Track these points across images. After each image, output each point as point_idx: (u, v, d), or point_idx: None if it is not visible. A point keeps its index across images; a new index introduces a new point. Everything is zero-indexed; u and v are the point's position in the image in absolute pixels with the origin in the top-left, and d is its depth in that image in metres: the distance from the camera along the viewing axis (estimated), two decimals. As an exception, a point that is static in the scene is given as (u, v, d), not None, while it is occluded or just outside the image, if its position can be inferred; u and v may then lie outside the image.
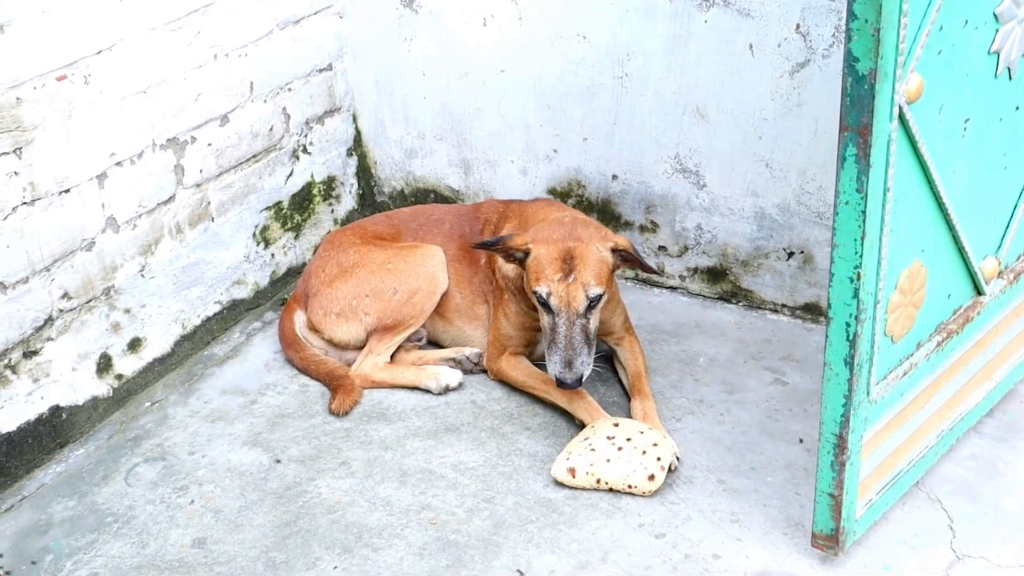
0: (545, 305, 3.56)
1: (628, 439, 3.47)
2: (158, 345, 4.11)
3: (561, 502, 3.41)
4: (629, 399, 3.80)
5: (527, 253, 3.59)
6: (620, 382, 3.96)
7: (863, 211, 2.60)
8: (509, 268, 3.84)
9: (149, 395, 4.04)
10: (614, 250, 3.61)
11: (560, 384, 3.51)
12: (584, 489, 3.44)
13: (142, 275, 4.01)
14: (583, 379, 3.52)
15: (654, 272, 3.70)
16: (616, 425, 3.54)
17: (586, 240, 3.57)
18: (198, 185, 4.17)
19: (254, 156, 4.40)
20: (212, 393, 4.04)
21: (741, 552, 3.19)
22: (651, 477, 3.38)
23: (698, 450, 3.61)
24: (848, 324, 2.73)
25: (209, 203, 4.23)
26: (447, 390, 3.97)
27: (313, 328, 4.10)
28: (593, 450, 3.45)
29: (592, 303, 3.54)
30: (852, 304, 2.71)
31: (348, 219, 4.99)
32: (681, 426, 3.74)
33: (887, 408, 3.04)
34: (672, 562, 3.17)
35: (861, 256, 2.65)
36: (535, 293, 3.56)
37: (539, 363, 3.98)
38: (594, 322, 3.59)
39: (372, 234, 4.21)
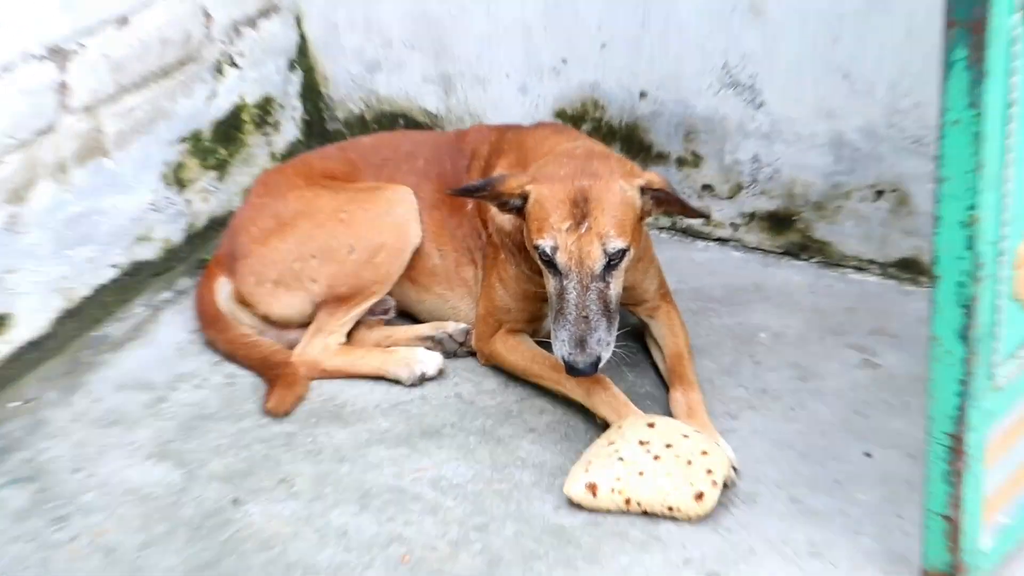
0: (550, 263, 3.48)
1: (667, 445, 3.40)
2: (31, 324, 4.10)
3: (578, 530, 3.34)
4: (667, 389, 3.75)
5: (526, 197, 3.52)
6: (654, 367, 3.93)
7: (977, 133, 2.55)
8: (505, 219, 3.79)
9: (18, 392, 4.03)
10: (644, 189, 3.52)
11: (570, 370, 3.45)
12: (609, 512, 3.38)
13: (11, 230, 3.99)
14: (600, 363, 3.44)
15: (700, 216, 3.69)
16: (651, 426, 3.48)
17: (604, 177, 3.48)
18: (88, 109, 4.15)
19: (164, 71, 4.41)
20: (105, 388, 4.03)
21: (824, 597, 3.15)
22: (699, 496, 3.31)
23: (762, 458, 3.55)
24: (961, 284, 2.71)
25: (103, 133, 4.22)
26: (423, 380, 3.94)
27: (243, 300, 4.08)
28: (621, 460, 3.39)
29: (612, 261, 3.45)
30: (966, 257, 2.66)
31: (290, 153, 4.97)
32: (738, 425, 3.68)
33: (1019, 396, 2.96)
34: (730, 611, 3.13)
35: (976, 193, 2.60)
36: (537, 248, 3.49)
37: (546, 343, 3.86)
38: (616, 287, 3.50)
39: (321, 173, 4.20)
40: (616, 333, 3.50)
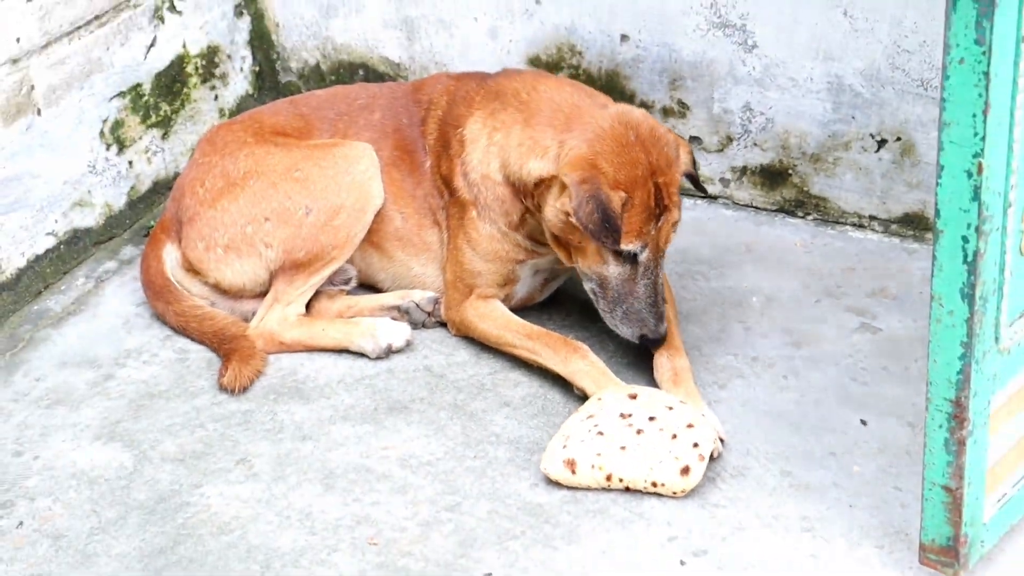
0: (630, 259, 3.70)
1: (651, 417, 3.50)
2: (-36, 299, 4.13)
3: (556, 508, 3.43)
4: (651, 357, 3.83)
5: (624, 203, 3.64)
6: (638, 334, 3.99)
7: (985, 72, 2.55)
8: (491, 166, 3.88)
9: (-47, 371, 4.08)
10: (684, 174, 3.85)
11: (652, 344, 3.74)
12: (589, 490, 3.47)
13: (-64, 197, 4.02)
14: None
15: (703, 192, 4.03)
16: (633, 397, 3.57)
17: (671, 167, 3.72)
18: (14, 61, 4.15)
19: (97, 17, 4.39)
20: (47, 366, 4.07)
21: (818, 575, 3.20)
22: (685, 470, 3.40)
23: (752, 429, 3.65)
24: (965, 239, 2.72)
25: (32, 87, 4.21)
26: (389, 352, 4.01)
27: (192, 268, 4.13)
28: (601, 434, 3.47)
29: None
30: (971, 209, 2.67)
31: (240, 109, 4.97)
32: (727, 395, 3.78)
33: None
34: (718, 590, 3.20)
35: (983, 138, 2.61)
36: (621, 252, 3.66)
37: (523, 312, 4.04)
38: None
39: (271, 129, 4.22)
40: None
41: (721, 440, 3.56)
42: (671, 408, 3.53)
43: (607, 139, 3.67)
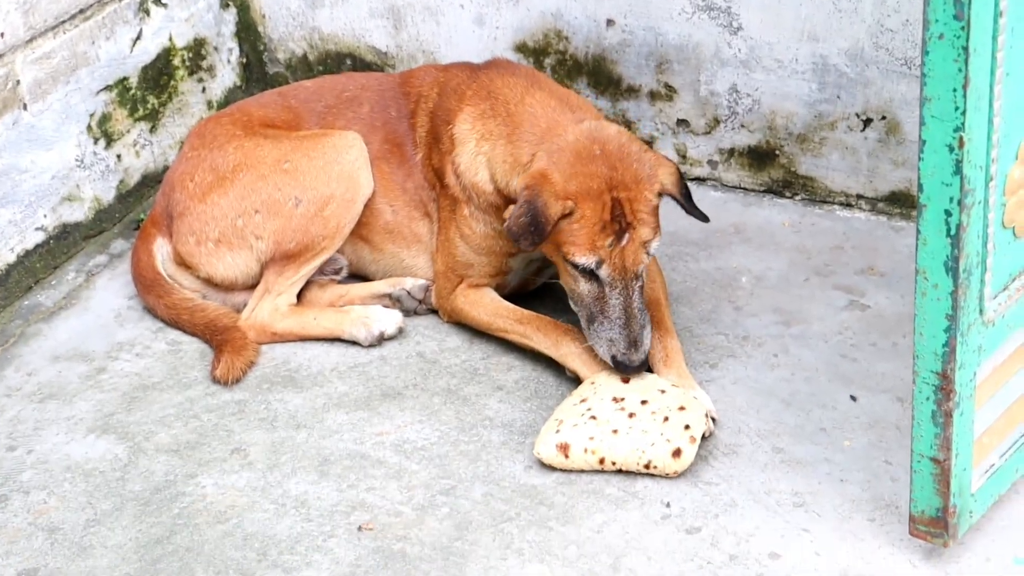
0: (591, 275, 3.66)
1: (643, 401, 3.53)
2: (-46, 295, 4.16)
3: (551, 490, 3.46)
4: None
5: (570, 213, 3.63)
6: (629, 316, 4.03)
7: (964, 47, 2.61)
8: (483, 179, 3.88)
9: (-54, 368, 4.10)
10: (660, 194, 3.72)
11: (624, 368, 3.63)
12: (583, 472, 3.50)
13: (-75, 193, 4.05)
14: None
15: (702, 218, 3.85)
16: (626, 380, 3.61)
17: (638, 186, 3.64)
18: None
19: (82, 11, 4.42)
20: (39, 360, 4.10)
21: (810, 548, 3.24)
22: (677, 452, 3.43)
23: (743, 407, 3.69)
24: (948, 213, 2.75)
25: (18, 82, 4.24)
26: (381, 339, 4.04)
27: (182, 262, 4.16)
28: (594, 418, 3.51)
29: (649, 258, 3.70)
30: (953, 183, 2.73)
31: (228, 101, 5.01)
32: (718, 374, 3.81)
33: (1010, 331, 3.06)
34: (712, 566, 3.21)
35: (964, 113, 2.64)
36: (576, 264, 3.64)
37: (516, 297, 4.07)
38: (646, 275, 3.72)
39: (260, 121, 4.25)
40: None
41: (713, 419, 3.60)
42: (663, 391, 3.57)
43: (567, 151, 3.65)
